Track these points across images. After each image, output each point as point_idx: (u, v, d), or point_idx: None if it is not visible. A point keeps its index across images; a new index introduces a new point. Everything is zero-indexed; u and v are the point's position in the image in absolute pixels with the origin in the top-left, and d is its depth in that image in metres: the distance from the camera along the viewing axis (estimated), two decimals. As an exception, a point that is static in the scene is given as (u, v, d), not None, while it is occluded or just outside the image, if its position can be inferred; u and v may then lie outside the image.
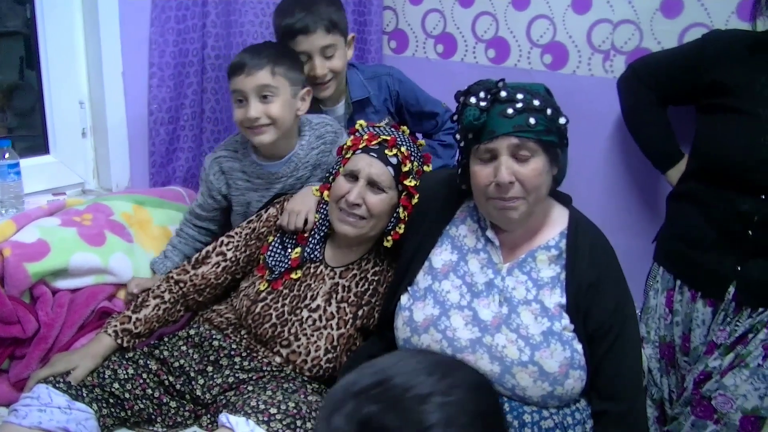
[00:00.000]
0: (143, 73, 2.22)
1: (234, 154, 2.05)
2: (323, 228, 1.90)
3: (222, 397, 1.76)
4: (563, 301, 1.59)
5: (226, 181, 2.05)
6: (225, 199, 2.09)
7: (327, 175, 1.94)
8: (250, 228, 1.95)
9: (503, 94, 1.53)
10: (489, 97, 1.53)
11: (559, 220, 1.67)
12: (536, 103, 1.51)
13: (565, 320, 1.57)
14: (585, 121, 2.42)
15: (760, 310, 1.93)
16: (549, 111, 1.52)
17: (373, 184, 1.76)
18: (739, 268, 1.94)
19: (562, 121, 1.55)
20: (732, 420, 1.92)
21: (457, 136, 1.62)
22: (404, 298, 1.70)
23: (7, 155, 2.01)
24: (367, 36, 2.73)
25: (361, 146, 1.79)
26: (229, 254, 1.92)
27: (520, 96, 1.52)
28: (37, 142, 2.25)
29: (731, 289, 1.95)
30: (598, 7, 2.37)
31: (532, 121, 1.50)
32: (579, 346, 1.56)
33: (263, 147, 1.97)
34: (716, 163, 1.96)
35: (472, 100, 1.53)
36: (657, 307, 2.14)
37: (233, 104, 1.94)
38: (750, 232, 1.90)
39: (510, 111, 1.50)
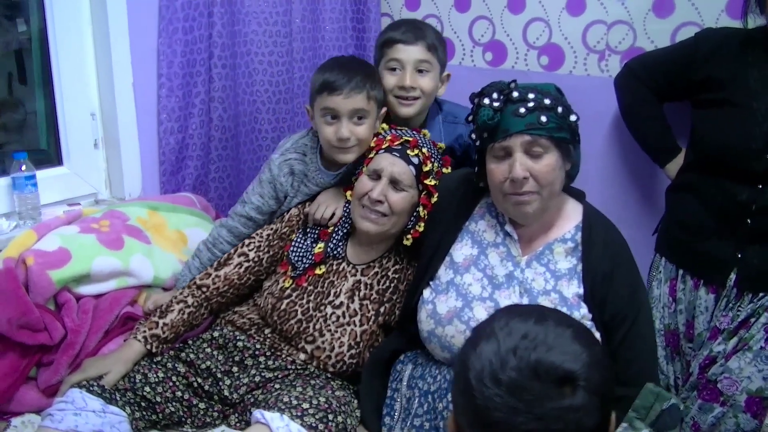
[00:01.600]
0: (152, 83, 2.26)
1: (303, 158, 2.06)
2: (346, 226, 1.95)
3: (249, 396, 1.80)
4: (581, 291, 1.65)
5: (292, 183, 2.06)
6: (281, 203, 2.10)
7: (350, 175, 1.99)
8: (271, 229, 2.00)
9: (515, 94, 1.60)
10: (502, 97, 1.60)
11: (573, 214, 1.74)
12: (547, 101, 1.59)
13: (584, 309, 1.64)
14: (583, 120, 2.45)
15: (761, 294, 2.00)
16: (560, 109, 1.59)
17: (395, 183, 1.82)
18: (739, 255, 2.01)
19: (573, 118, 1.63)
20: (738, 401, 1.99)
21: (473, 136, 1.69)
22: (427, 293, 1.76)
23: (23, 167, 2.04)
24: (366, 43, 2.79)
25: (384, 146, 1.85)
26: (252, 254, 1.97)
27: (531, 95, 1.59)
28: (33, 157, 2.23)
29: (732, 276, 2.02)
30: (592, 8, 2.44)
31: (543, 119, 1.57)
32: (597, 334, 1.62)
33: (344, 163, 2.00)
34: (713, 154, 2.04)
35: (486, 100, 1.61)
36: (660, 297, 2.20)
37: (319, 119, 1.95)
38: (748, 220, 1.98)
39: (522, 110, 1.58)
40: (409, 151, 1.84)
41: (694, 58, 2.09)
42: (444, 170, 1.92)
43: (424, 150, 1.86)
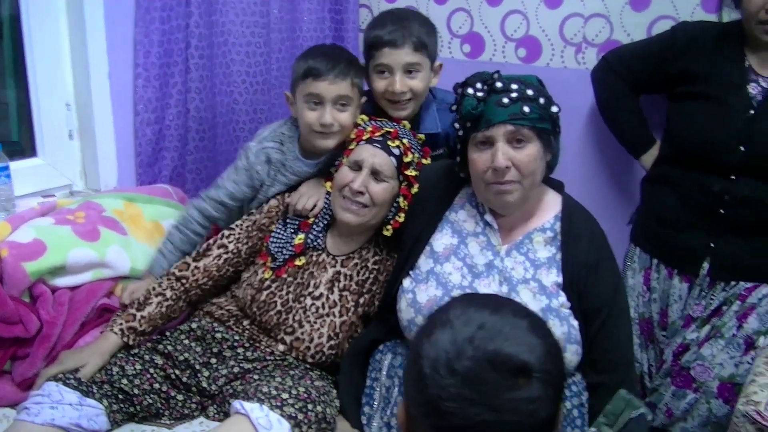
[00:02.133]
0: (128, 73, 2.23)
1: (280, 147, 2.05)
2: (326, 217, 1.95)
3: (228, 387, 1.79)
4: (560, 280, 1.67)
5: (269, 172, 2.05)
6: (257, 191, 2.09)
7: (330, 166, 1.98)
8: (251, 220, 1.99)
9: (499, 84, 1.61)
10: (485, 87, 1.61)
11: (552, 204, 1.75)
12: (530, 92, 1.60)
13: (562, 297, 1.65)
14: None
15: (733, 283, 2.05)
16: (542, 100, 1.61)
17: (376, 174, 1.82)
18: (712, 245, 2.05)
19: (554, 109, 1.64)
20: (710, 388, 2.03)
21: (456, 125, 1.70)
22: (406, 282, 1.76)
23: (-4, 158, 2.02)
24: (344, 33, 2.78)
25: (364, 137, 1.85)
26: (231, 246, 1.96)
27: (514, 86, 1.61)
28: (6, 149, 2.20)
29: (705, 265, 2.06)
30: (569, 1, 2.46)
31: (526, 109, 1.58)
32: (575, 322, 1.64)
33: (322, 149, 2.00)
34: (688, 146, 2.07)
35: (470, 90, 1.62)
36: (635, 286, 2.24)
37: (301, 105, 1.95)
38: (721, 210, 2.02)
39: (505, 100, 1.59)
40: (390, 142, 1.84)
41: (670, 51, 2.12)
42: (424, 161, 1.92)
43: (405, 141, 1.86)
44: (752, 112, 1.95)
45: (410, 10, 2.20)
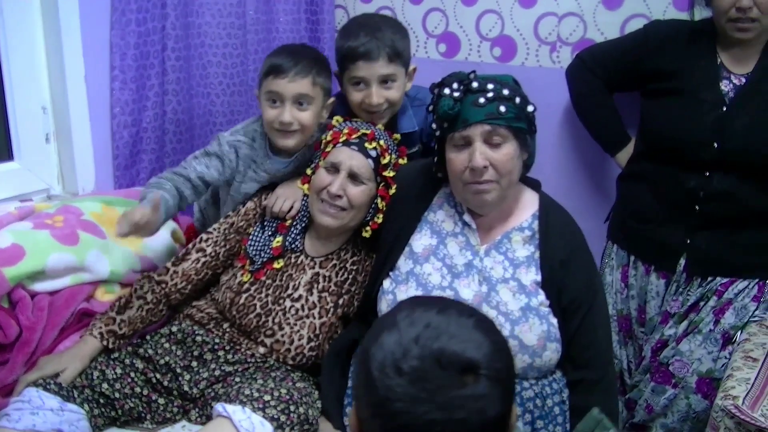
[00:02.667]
0: (105, 76, 2.21)
1: (252, 143, 2.03)
2: (304, 219, 1.95)
3: (210, 390, 1.80)
4: (538, 278, 1.69)
5: (238, 165, 2.03)
6: (227, 184, 2.06)
7: (306, 167, 1.98)
8: (228, 223, 1.98)
9: (475, 84, 1.62)
10: (462, 87, 1.62)
11: (530, 203, 1.77)
12: (506, 92, 1.61)
13: (541, 296, 1.67)
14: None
15: (709, 279, 2.08)
16: (518, 99, 1.62)
17: (353, 176, 1.82)
18: (688, 241, 2.08)
19: (530, 108, 1.66)
20: (689, 383, 2.06)
21: (433, 126, 1.71)
22: (386, 283, 1.77)
23: (-29, 163, 2.00)
24: (320, 34, 2.78)
25: (341, 140, 1.85)
26: (209, 249, 1.95)
27: (490, 86, 1.62)
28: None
29: (682, 261, 2.09)
30: (543, 1, 2.48)
31: (502, 109, 1.60)
32: (554, 321, 1.66)
33: (283, 148, 1.99)
34: (662, 143, 2.10)
35: (446, 91, 1.63)
36: (613, 283, 2.26)
37: (264, 102, 1.94)
38: (697, 206, 2.05)
39: (482, 100, 1.60)
40: (366, 144, 1.84)
41: (644, 49, 2.15)
42: (401, 161, 1.93)
43: (382, 142, 1.87)
44: (724, 108, 1.99)
45: (381, 17, 2.18)
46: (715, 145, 1.98)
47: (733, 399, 1.68)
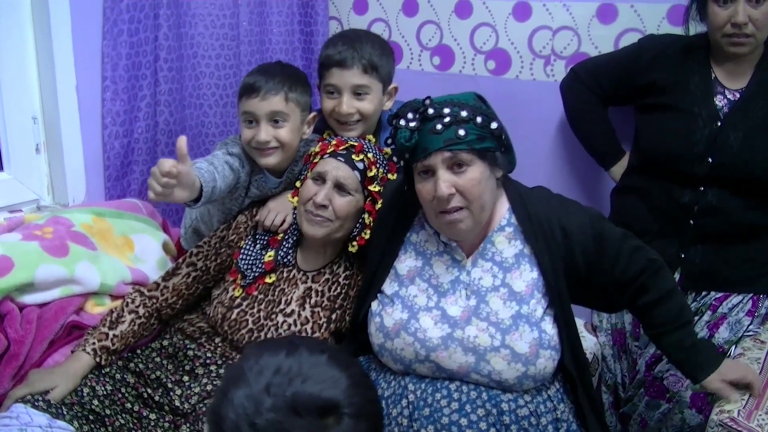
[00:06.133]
0: (96, 86, 2.20)
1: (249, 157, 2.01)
2: (296, 233, 1.94)
3: (201, 405, 1.77)
4: (535, 275, 1.66)
5: (244, 167, 1.99)
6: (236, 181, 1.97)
7: (296, 180, 1.96)
8: (218, 237, 1.97)
9: (430, 111, 1.56)
10: (417, 116, 1.58)
11: (500, 200, 1.72)
12: (464, 114, 1.56)
13: (534, 300, 1.65)
14: (529, 124, 2.54)
15: (703, 293, 2.08)
16: (479, 119, 1.56)
17: (339, 187, 1.81)
18: (682, 256, 2.08)
19: (494, 126, 1.58)
20: (683, 398, 2.05)
21: (394, 158, 1.69)
22: (374, 305, 1.75)
23: (-39, 174, 1.97)
24: (314, 46, 2.77)
25: (329, 151, 1.84)
26: (199, 263, 1.93)
27: (446, 110, 1.56)
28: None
29: (676, 276, 2.09)
30: (537, 14, 2.48)
31: (461, 132, 1.54)
32: (548, 327, 1.64)
33: (267, 167, 1.98)
34: (657, 158, 2.10)
35: (402, 122, 1.58)
36: (607, 297, 2.25)
37: (241, 123, 1.95)
38: (691, 221, 2.05)
39: (439, 126, 1.55)
40: (354, 156, 1.83)
41: (638, 63, 2.15)
42: (390, 176, 1.91)
43: (370, 155, 1.85)
44: (719, 123, 1.99)
45: (366, 32, 2.18)
46: (710, 159, 1.99)
47: (728, 413, 1.67)
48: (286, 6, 2.72)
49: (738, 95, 2.01)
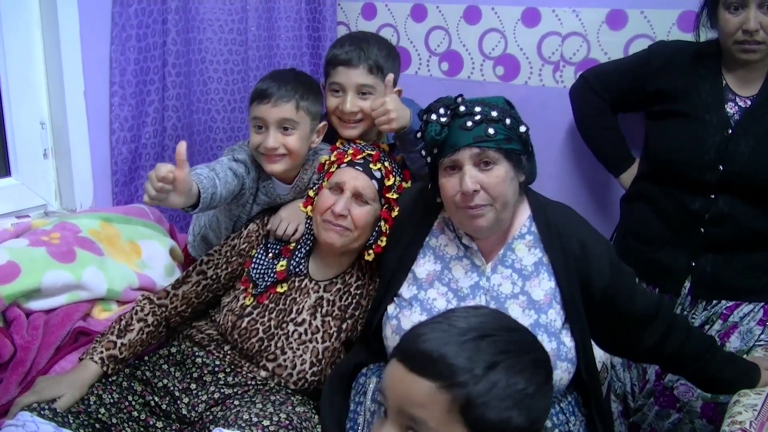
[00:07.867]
0: (104, 91, 2.21)
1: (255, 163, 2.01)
2: (308, 242, 1.93)
3: (208, 413, 1.76)
4: (552, 284, 1.66)
5: (250, 173, 1.98)
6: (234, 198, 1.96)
7: (310, 190, 1.95)
8: (229, 245, 1.95)
9: (462, 108, 1.60)
10: (449, 112, 1.60)
11: (521, 207, 1.74)
12: (494, 114, 1.59)
13: (552, 311, 1.64)
14: (538, 130, 2.48)
15: (714, 302, 2.06)
16: (508, 120, 1.59)
17: (358, 197, 1.80)
18: (693, 264, 2.06)
19: (522, 129, 1.62)
20: (694, 407, 2.03)
21: (423, 152, 1.69)
22: (391, 308, 1.74)
23: (-32, 179, 1.97)
24: (322, 51, 2.77)
25: (346, 160, 1.83)
26: (210, 272, 1.92)
27: (477, 109, 1.59)
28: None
29: (687, 284, 2.07)
30: (547, 20, 2.47)
31: (491, 131, 1.57)
32: (567, 339, 1.63)
33: (273, 174, 1.97)
34: (667, 165, 2.08)
35: (433, 116, 1.60)
36: (616, 305, 2.24)
37: (251, 128, 1.94)
38: (702, 229, 2.03)
39: (469, 123, 1.58)
40: (371, 165, 1.83)
41: (647, 70, 2.13)
42: (404, 184, 1.91)
43: (386, 164, 1.85)
44: (730, 131, 1.97)
45: (374, 35, 2.19)
46: (721, 167, 1.97)
47: (739, 424, 1.65)
48: (294, 11, 2.72)
49: (749, 102, 1.99)
